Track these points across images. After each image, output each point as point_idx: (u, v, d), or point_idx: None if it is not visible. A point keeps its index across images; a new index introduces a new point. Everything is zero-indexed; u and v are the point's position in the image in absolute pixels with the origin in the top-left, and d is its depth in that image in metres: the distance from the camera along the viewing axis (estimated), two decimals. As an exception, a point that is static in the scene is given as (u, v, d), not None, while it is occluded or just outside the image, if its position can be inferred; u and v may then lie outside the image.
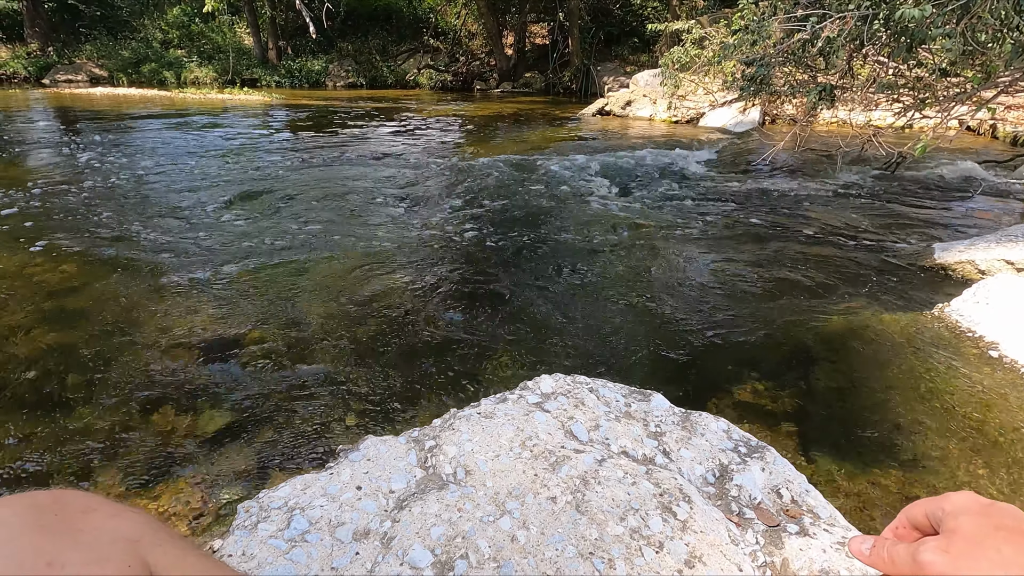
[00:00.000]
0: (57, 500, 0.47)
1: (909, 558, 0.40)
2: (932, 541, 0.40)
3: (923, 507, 0.43)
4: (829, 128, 8.01)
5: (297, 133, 7.84)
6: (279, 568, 0.84)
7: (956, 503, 0.41)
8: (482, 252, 3.44)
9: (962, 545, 0.38)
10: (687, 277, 3.15)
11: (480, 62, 17.06)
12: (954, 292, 2.71)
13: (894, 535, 0.45)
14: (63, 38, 15.59)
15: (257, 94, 12.78)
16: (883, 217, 4.30)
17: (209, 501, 1.50)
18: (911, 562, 0.40)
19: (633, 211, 4.37)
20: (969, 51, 3.28)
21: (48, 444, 1.73)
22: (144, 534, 0.49)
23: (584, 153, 6.51)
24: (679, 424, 1.28)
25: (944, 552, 0.38)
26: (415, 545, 0.89)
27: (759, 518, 1.04)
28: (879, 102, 4.87)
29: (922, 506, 0.43)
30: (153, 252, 3.26)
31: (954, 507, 0.41)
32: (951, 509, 0.41)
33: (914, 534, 0.44)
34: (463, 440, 1.15)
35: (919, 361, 2.19)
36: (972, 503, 0.40)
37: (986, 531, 0.37)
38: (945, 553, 0.38)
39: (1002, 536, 0.37)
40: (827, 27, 3.49)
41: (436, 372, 2.15)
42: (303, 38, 16.09)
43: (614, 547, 0.91)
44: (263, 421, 1.84)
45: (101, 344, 2.27)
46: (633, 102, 10.61)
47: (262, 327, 2.43)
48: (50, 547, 0.42)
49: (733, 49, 4.57)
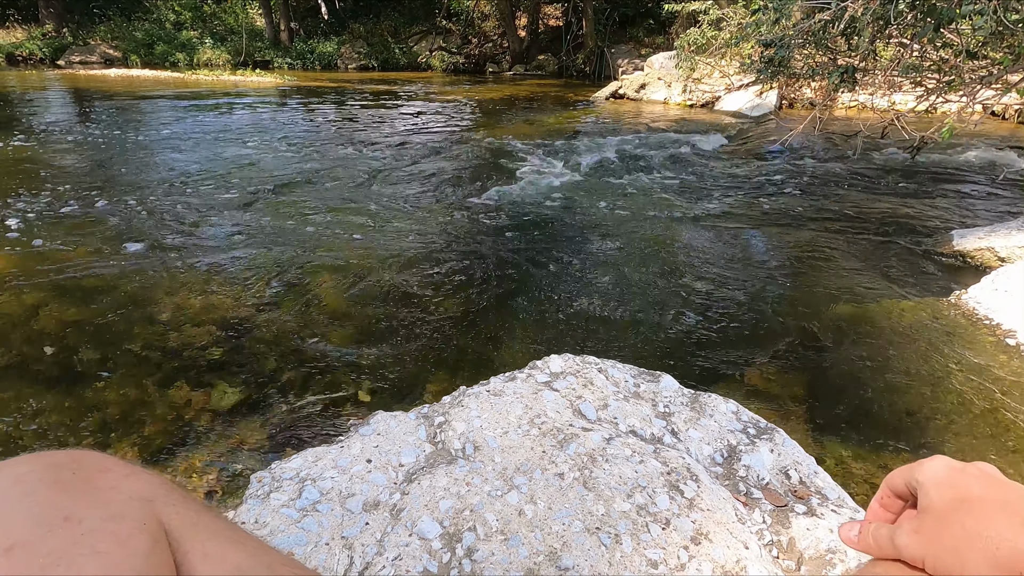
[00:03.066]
0: (75, 459, 0.48)
1: (889, 542, 0.40)
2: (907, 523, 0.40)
3: (901, 476, 0.43)
4: (849, 112, 7.84)
5: (309, 116, 7.84)
6: (291, 536, 0.86)
7: (928, 472, 0.41)
8: (494, 234, 3.43)
9: (930, 524, 0.38)
10: (699, 260, 3.12)
11: (492, 44, 16.85)
12: (972, 279, 2.66)
13: (880, 505, 0.45)
14: (77, 19, 15.65)
15: (269, 76, 12.77)
16: (901, 202, 4.22)
17: (222, 472, 1.53)
18: (891, 546, 0.40)
19: (645, 195, 4.33)
20: (999, 32, 3.18)
21: (65, 417, 1.77)
22: (158, 494, 0.49)
23: (596, 136, 6.44)
24: (688, 405, 1.28)
25: (916, 533, 0.38)
26: (424, 517, 0.90)
27: (766, 498, 1.04)
28: (901, 85, 4.75)
29: (900, 475, 0.43)
30: (168, 231, 3.29)
31: (926, 477, 0.40)
32: (923, 480, 0.40)
33: (897, 503, 0.44)
34: (472, 417, 1.15)
35: (934, 348, 2.16)
36: (942, 472, 0.40)
37: (952, 505, 0.37)
38: (917, 534, 0.38)
39: (965, 509, 0.36)
40: (851, 6, 3.39)
41: (446, 351, 2.16)
42: (315, 19, 16.01)
43: (621, 523, 0.92)
44: (276, 396, 1.87)
45: (118, 320, 2.31)
46: (647, 85, 10.45)
47: (275, 305, 2.46)
48: (68, 502, 0.43)
49: (752, 30, 4.46)
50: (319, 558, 0.83)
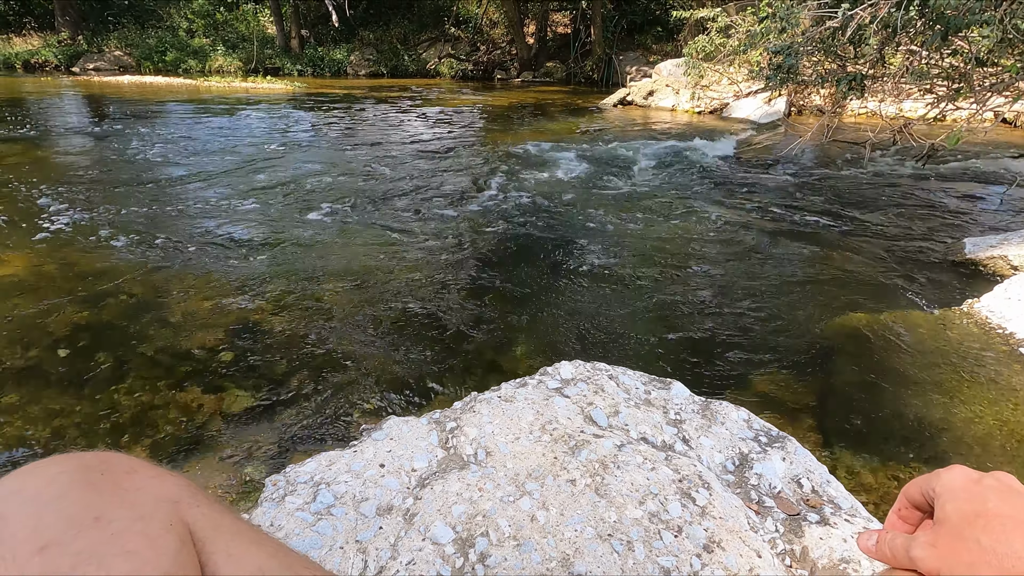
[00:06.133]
0: (103, 460, 0.49)
1: (905, 553, 0.40)
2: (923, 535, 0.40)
3: (919, 486, 0.43)
4: (858, 119, 7.81)
5: (320, 122, 7.91)
6: (306, 539, 0.86)
7: (945, 483, 0.41)
8: (504, 240, 3.44)
9: (946, 537, 0.38)
10: (708, 267, 3.12)
11: (501, 51, 16.95)
12: (985, 288, 2.64)
13: (898, 516, 0.45)
14: (92, 27, 15.89)
15: (280, 82, 12.90)
16: (912, 210, 4.20)
17: (236, 476, 1.54)
18: (907, 557, 0.40)
19: (654, 202, 4.33)
20: (1008, 39, 3.17)
21: (79, 419, 1.79)
22: (183, 496, 0.51)
23: (603, 144, 6.45)
24: (699, 412, 1.28)
25: (932, 547, 0.38)
26: (437, 522, 0.91)
27: (779, 507, 1.04)
28: (911, 92, 4.73)
29: (918, 485, 0.43)
30: (182, 235, 3.33)
31: (943, 488, 0.40)
32: (940, 491, 0.40)
33: (915, 514, 0.44)
34: (484, 422, 1.16)
35: (946, 357, 2.14)
36: (960, 483, 0.40)
37: (968, 519, 0.37)
38: (933, 548, 0.38)
39: (981, 524, 0.36)
40: (859, 14, 3.39)
41: (457, 357, 2.17)
42: (325, 27, 16.17)
43: (633, 530, 0.92)
44: (288, 400, 1.88)
45: (130, 324, 2.33)
46: (655, 92, 10.46)
47: (286, 310, 2.48)
48: (98, 503, 0.44)
49: (760, 37, 4.47)
50: (334, 562, 0.84)
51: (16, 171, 4.58)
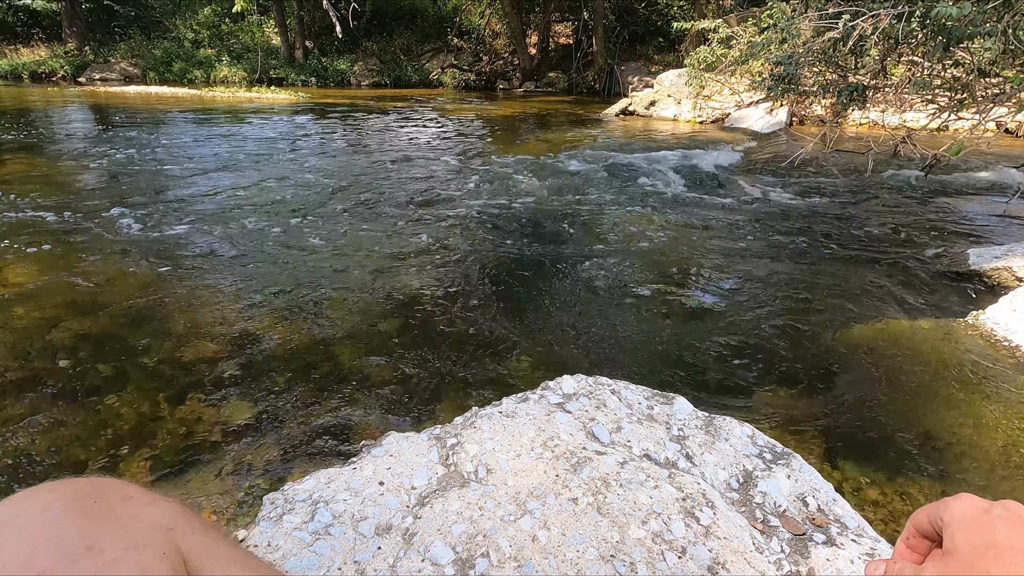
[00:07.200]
0: (97, 487, 0.49)
1: None
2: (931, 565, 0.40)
3: (926, 514, 0.43)
4: (860, 130, 7.83)
5: (324, 131, 7.95)
6: (303, 560, 0.85)
7: (954, 513, 0.40)
8: (505, 253, 3.44)
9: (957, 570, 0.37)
10: (711, 280, 3.11)
11: (503, 61, 17.07)
12: (989, 300, 2.62)
13: (906, 545, 0.45)
14: (99, 38, 16.08)
15: (284, 93, 13.00)
16: (916, 221, 4.19)
17: (234, 492, 1.53)
18: None
19: (656, 213, 4.33)
20: (1010, 50, 3.17)
21: (78, 431, 1.78)
22: (178, 523, 0.50)
23: (606, 153, 6.47)
24: (702, 428, 1.27)
25: None
26: (436, 542, 0.89)
27: (784, 526, 1.02)
28: (913, 103, 4.74)
29: (925, 513, 0.43)
30: (183, 246, 3.33)
31: (951, 518, 0.40)
32: (949, 520, 0.40)
33: (924, 543, 0.44)
34: (485, 439, 1.15)
35: (952, 370, 2.12)
36: (969, 512, 0.39)
37: (978, 551, 0.37)
38: None
39: (992, 556, 0.36)
40: (860, 25, 3.40)
41: (457, 371, 2.16)
42: (329, 37, 16.31)
43: (636, 550, 0.90)
44: (287, 415, 1.87)
45: (130, 335, 2.33)
46: (657, 102, 10.51)
47: (287, 322, 2.47)
48: (91, 531, 0.43)
49: (761, 48, 4.49)
50: (331, 583, 0.83)
51: (18, 179, 4.61)
